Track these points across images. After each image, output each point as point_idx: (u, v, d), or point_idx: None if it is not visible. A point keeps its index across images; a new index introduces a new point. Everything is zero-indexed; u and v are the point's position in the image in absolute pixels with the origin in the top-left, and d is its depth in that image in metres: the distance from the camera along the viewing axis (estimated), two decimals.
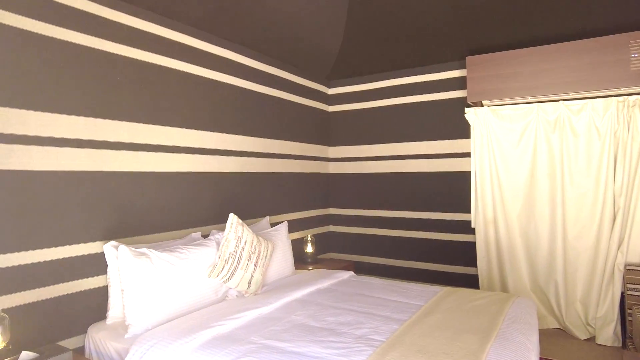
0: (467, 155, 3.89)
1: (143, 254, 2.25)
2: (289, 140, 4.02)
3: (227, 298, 2.64)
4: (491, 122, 3.69)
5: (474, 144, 3.76)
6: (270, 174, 3.76)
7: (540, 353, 3.10)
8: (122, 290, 2.18)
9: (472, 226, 3.79)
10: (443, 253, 4.05)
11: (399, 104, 4.27)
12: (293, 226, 4.03)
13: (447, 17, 3.48)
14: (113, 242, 2.31)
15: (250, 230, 2.77)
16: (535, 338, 2.06)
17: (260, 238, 2.84)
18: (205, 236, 2.93)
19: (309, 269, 3.59)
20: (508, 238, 3.64)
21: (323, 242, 4.58)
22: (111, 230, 2.44)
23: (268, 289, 2.81)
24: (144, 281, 2.17)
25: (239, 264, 2.58)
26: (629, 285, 3.12)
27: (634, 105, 3.20)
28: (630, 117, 3.21)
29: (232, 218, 2.69)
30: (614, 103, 3.25)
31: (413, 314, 2.27)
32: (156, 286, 2.21)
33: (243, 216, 3.35)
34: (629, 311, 3.08)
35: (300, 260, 3.94)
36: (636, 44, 3.05)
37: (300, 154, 4.20)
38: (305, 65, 4.13)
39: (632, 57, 3.06)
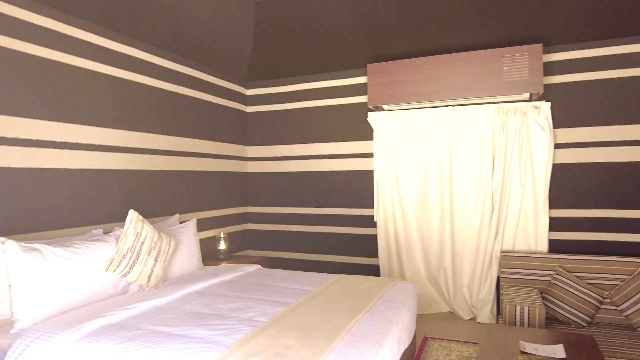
0: (371, 155, 4.21)
1: (34, 249, 2.25)
2: (205, 139, 4.10)
3: (127, 292, 2.68)
4: (390, 125, 4.03)
5: (376, 145, 4.08)
6: (183, 172, 3.82)
7: (429, 333, 3.48)
8: (10, 286, 2.17)
9: (375, 220, 4.12)
10: (350, 246, 4.35)
11: (312, 106, 4.51)
12: (209, 224, 4.11)
13: (351, 27, 3.75)
14: (1, 238, 2.29)
15: (151, 226, 2.83)
16: (404, 315, 2.34)
17: (163, 234, 2.91)
18: (107, 233, 2.95)
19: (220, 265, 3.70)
20: (405, 231, 3.99)
21: (240, 240, 4.70)
22: (2, 227, 2.40)
23: (170, 282, 2.89)
24: (34, 276, 2.18)
25: (137, 258, 2.64)
26: (503, 269, 3.57)
27: (508, 112, 3.66)
28: (504, 122, 3.67)
29: (132, 214, 2.74)
30: (492, 109, 3.70)
31: (301, 297, 2.48)
32: (47, 281, 2.22)
33: (151, 214, 3.39)
34: (502, 292, 3.53)
35: (213, 257, 4.03)
36: (507, 59, 3.50)
37: (218, 153, 4.30)
38: (220, 66, 4.24)
39: (504, 69, 3.51)
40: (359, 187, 4.29)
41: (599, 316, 3.20)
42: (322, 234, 4.47)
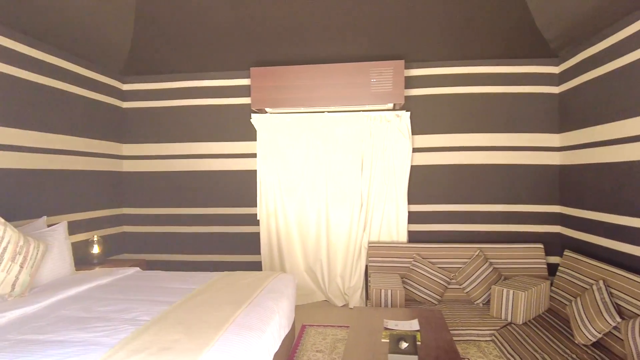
0: (255, 155, 4.36)
1: None
2: (75, 135, 3.80)
3: None
4: (273, 127, 4.23)
5: (259, 146, 4.25)
6: (51, 170, 3.51)
7: (307, 321, 3.76)
8: None
9: (258, 218, 4.29)
10: (234, 244, 4.44)
11: (195, 105, 4.48)
12: (81, 226, 3.84)
13: (234, 30, 3.83)
14: None
15: (15, 230, 2.59)
16: (284, 303, 2.55)
17: (30, 238, 2.68)
18: None
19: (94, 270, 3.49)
20: (286, 227, 4.25)
21: (116, 243, 4.45)
22: None
23: (40, 289, 2.68)
24: None
25: None
26: (370, 259, 4.03)
27: (375, 119, 4.14)
28: (372, 128, 4.14)
29: None
30: (362, 117, 4.14)
31: (186, 295, 2.53)
32: None
33: (15, 216, 3.07)
34: (369, 278, 3.98)
35: (86, 262, 3.78)
36: (375, 72, 3.95)
37: (90, 151, 4.02)
38: (93, 57, 3.97)
39: (372, 81, 3.96)
40: (242, 187, 4.40)
41: (447, 294, 3.83)
42: (205, 234, 4.48)
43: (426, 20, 3.60)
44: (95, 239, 3.84)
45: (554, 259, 4.04)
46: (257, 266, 4.38)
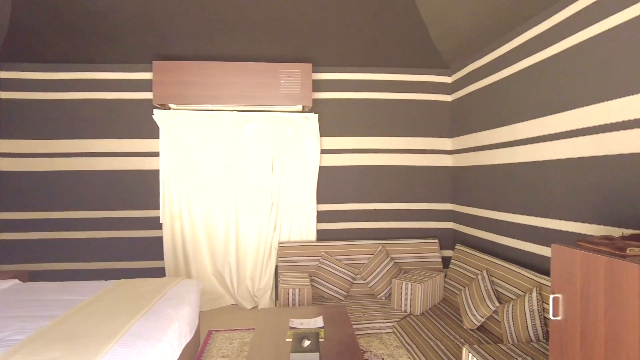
0: (157, 154, 4.12)
1: None
2: None
3: None
4: (177, 124, 4.04)
5: (162, 144, 4.02)
6: None
7: (214, 326, 3.65)
8: None
9: (161, 221, 4.05)
10: (133, 250, 4.14)
11: (90, 98, 4.10)
12: None
13: (135, 20, 3.58)
14: None
15: None
16: (185, 310, 2.44)
17: None
18: None
19: None
20: (192, 230, 4.07)
21: None
22: None
23: None
24: None
25: None
26: (280, 259, 4.03)
27: (284, 120, 4.15)
28: (282, 129, 4.14)
29: None
30: (272, 117, 4.13)
31: (72, 308, 2.30)
32: None
33: None
34: (279, 279, 3.99)
35: None
36: (284, 73, 3.96)
37: None
38: None
39: (282, 82, 3.97)
40: (143, 188, 4.13)
41: (353, 289, 3.97)
42: (103, 240, 4.12)
43: (333, 27, 3.70)
44: None
45: (447, 253, 4.40)
46: (160, 272, 4.13)
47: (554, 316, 1.71)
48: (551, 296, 1.72)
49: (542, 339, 2.36)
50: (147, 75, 4.12)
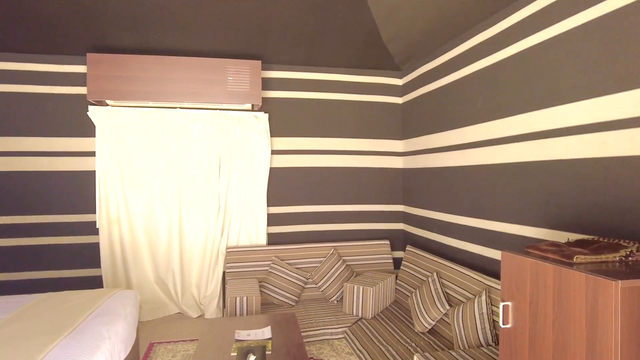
0: (93, 154, 3.80)
1: None
2: None
3: None
4: (115, 122, 3.75)
5: (99, 143, 3.72)
6: None
7: (155, 338, 3.42)
8: None
9: (97, 226, 3.74)
10: (66, 258, 3.79)
11: (11, 91, 3.71)
12: None
13: (66, 6, 3.26)
14: None
15: None
16: (119, 326, 2.23)
17: None
18: None
19: None
20: (132, 235, 3.80)
21: None
22: None
23: None
24: None
25: None
26: (228, 265, 3.85)
27: (232, 119, 3.97)
28: (230, 128, 3.96)
29: None
30: (218, 115, 3.93)
31: None
32: None
33: None
34: (226, 286, 3.81)
35: None
36: (231, 70, 3.78)
37: None
38: None
39: (229, 79, 3.79)
40: (77, 190, 3.79)
41: (305, 294, 3.87)
42: (29, 247, 3.73)
43: (283, 24, 3.56)
44: None
45: (399, 254, 4.41)
46: (97, 281, 3.82)
47: (504, 324, 1.69)
48: (501, 304, 1.70)
49: (492, 343, 2.38)
50: (81, 69, 3.79)
